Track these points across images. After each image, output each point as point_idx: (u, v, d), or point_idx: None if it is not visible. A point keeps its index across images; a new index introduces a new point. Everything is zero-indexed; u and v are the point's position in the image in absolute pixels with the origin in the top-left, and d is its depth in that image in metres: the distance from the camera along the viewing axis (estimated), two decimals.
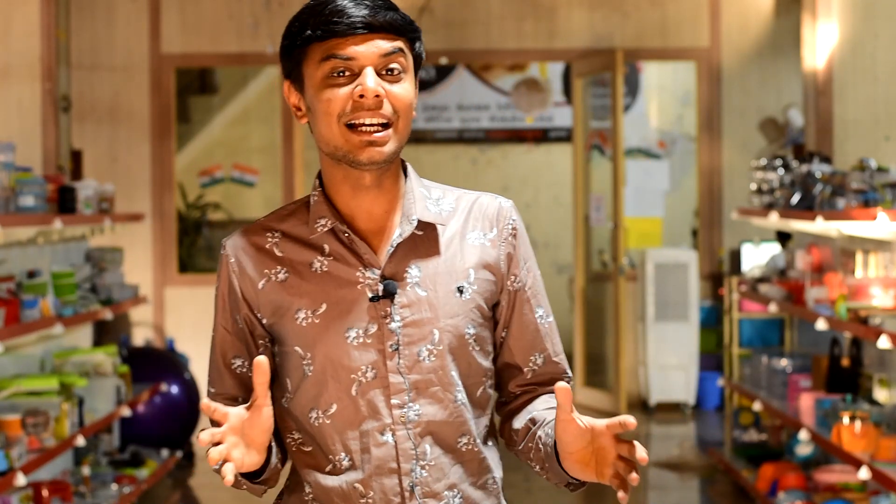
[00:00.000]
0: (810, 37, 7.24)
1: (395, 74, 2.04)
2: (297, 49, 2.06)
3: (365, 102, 2.01)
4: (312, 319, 2.07)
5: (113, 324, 8.49)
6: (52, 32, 6.85)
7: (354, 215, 2.09)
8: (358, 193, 2.08)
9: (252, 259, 2.12)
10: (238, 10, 9.66)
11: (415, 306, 2.07)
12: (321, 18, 2.02)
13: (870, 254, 5.86)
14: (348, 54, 2.01)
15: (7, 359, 5.98)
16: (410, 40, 2.07)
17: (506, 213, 2.15)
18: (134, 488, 6.43)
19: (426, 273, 2.08)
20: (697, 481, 7.53)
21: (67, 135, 8.84)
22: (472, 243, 2.13)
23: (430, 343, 2.07)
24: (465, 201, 2.16)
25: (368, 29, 2.01)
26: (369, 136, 2.02)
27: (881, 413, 5.40)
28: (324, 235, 2.09)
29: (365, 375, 2.06)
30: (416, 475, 2.06)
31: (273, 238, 2.12)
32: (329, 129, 2.04)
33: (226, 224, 11.67)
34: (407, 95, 2.05)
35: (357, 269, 2.07)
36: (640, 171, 11.27)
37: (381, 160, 2.04)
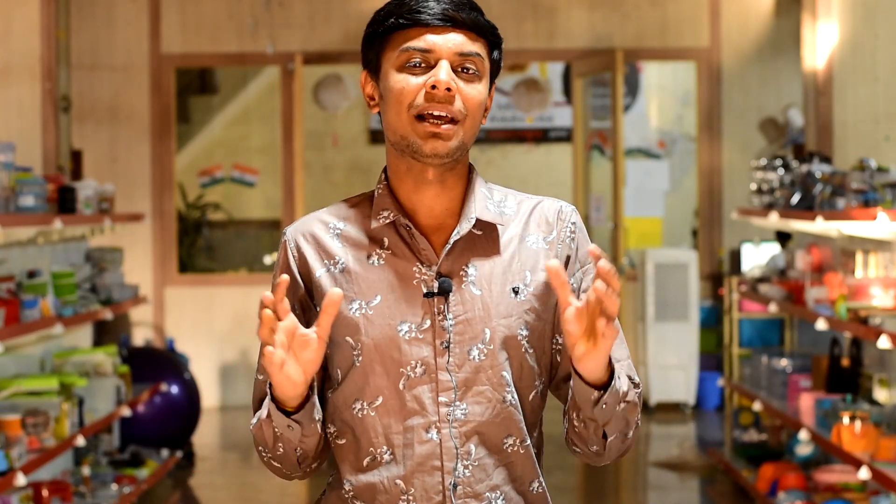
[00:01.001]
0: (810, 37, 7.24)
1: (469, 74, 2.06)
2: (378, 37, 2.08)
3: (436, 94, 2.03)
4: (366, 311, 2.07)
5: (113, 324, 8.50)
6: (52, 32, 6.85)
7: (416, 210, 2.10)
8: (420, 188, 2.09)
9: (312, 247, 2.12)
10: (238, 10, 9.66)
11: (468, 305, 2.06)
12: (405, 8, 2.05)
13: (870, 254, 5.86)
14: (427, 45, 2.04)
15: (7, 359, 5.98)
16: (490, 45, 2.10)
17: (566, 216, 2.14)
18: (134, 488, 6.43)
19: (482, 272, 2.08)
20: (697, 481, 7.53)
21: (67, 135, 8.84)
22: (530, 245, 2.12)
23: (482, 342, 2.06)
24: (527, 205, 2.15)
25: (450, 23, 2.04)
26: (435, 129, 2.03)
27: (881, 413, 5.41)
28: (384, 228, 2.10)
29: (414, 370, 2.05)
30: (459, 474, 2.04)
31: (334, 229, 2.13)
32: (398, 118, 2.05)
33: (226, 224, 11.68)
34: (478, 97, 2.06)
35: (414, 264, 2.07)
36: (640, 171, 11.27)
37: (443, 153, 2.05)
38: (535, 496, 2.12)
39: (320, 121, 11.86)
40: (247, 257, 11.58)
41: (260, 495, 7.16)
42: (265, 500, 7.09)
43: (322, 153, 12.02)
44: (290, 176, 9.69)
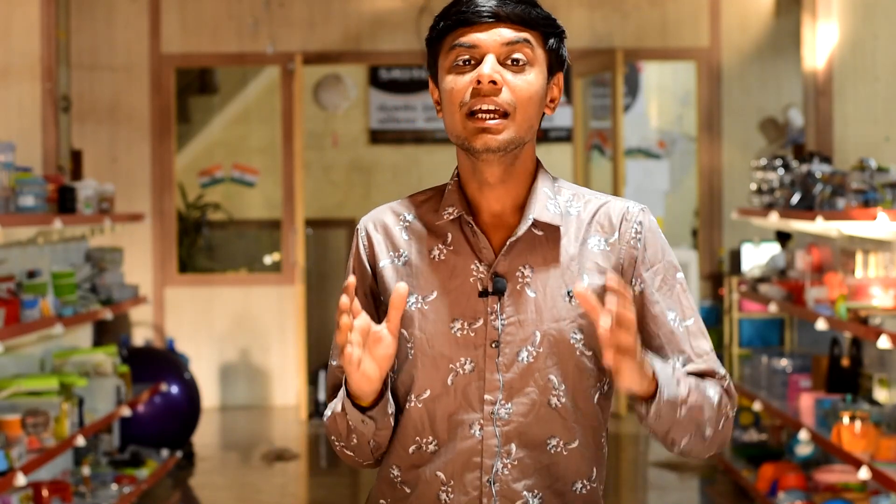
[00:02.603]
0: (810, 37, 7.24)
1: (518, 65, 2.07)
2: (434, 42, 2.12)
3: (482, 89, 2.04)
4: (422, 305, 2.10)
5: (113, 324, 8.50)
6: (52, 32, 6.85)
7: (480, 209, 2.13)
8: (483, 189, 2.12)
9: (381, 237, 2.17)
10: (238, 10, 9.66)
11: (521, 306, 2.08)
12: (454, 10, 2.08)
13: (870, 254, 5.86)
14: (471, 41, 2.06)
15: (7, 359, 5.98)
16: (544, 35, 2.10)
17: (631, 216, 2.13)
18: (134, 488, 6.44)
19: (538, 274, 2.09)
20: (697, 481, 7.53)
21: (67, 135, 8.84)
22: (591, 248, 2.12)
23: (531, 345, 2.07)
24: (594, 204, 2.15)
25: (494, 18, 2.06)
26: (483, 123, 2.04)
27: (881, 413, 5.41)
28: (449, 224, 2.13)
29: (463, 367, 2.08)
30: (498, 471, 2.07)
31: (403, 221, 2.17)
32: (452, 118, 2.08)
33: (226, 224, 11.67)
34: (529, 87, 2.07)
35: (472, 262, 2.10)
36: (640, 171, 11.27)
37: (495, 147, 2.05)
38: (576, 496, 2.13)
39: (320, 121, 11.86)
40: (247, 257, 11.58)
41: (260, 495, 7.16)
42: (265, 500, 7.09)
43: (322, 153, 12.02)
44: (290, 176, 9.69)
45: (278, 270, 10.12)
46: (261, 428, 9.15)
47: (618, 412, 9.27)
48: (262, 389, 9.73)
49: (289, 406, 9.64)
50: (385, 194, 11.47)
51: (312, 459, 8.25)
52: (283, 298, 9.71)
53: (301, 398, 9.41)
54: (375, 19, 9.68)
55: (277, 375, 9.71)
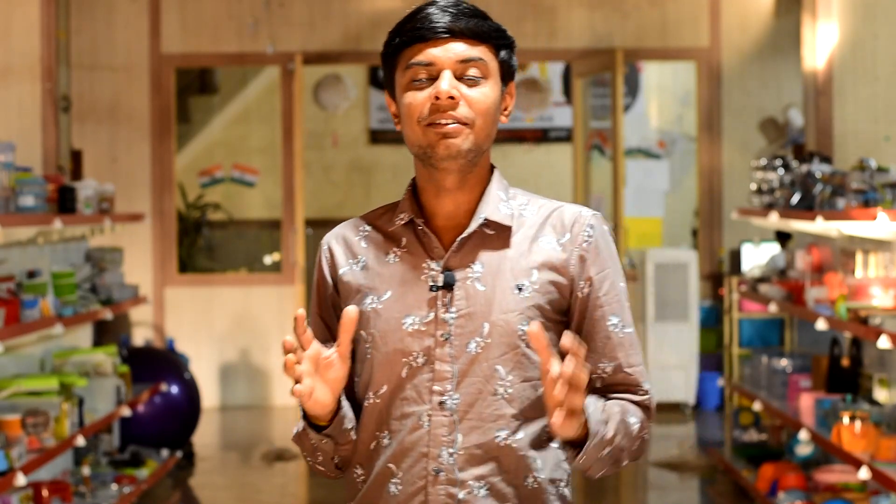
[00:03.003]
0: (810, 37, 7.24)
1: (473, 79, 2.14)
2: (389, 57, 2.19)
3: (440, 104, 2.12)
4: (377, 305, 2.18)
5: (113, 324, 8.50)
6: (52, 32, 6.85)
7: (436, 213, 2.20)
8: (440, 194, 2.19)
9: (341, 248, 2.26)
10: (238, 10, 9.66)
11: (471, 300, 2.14)
12: (408, 26, 2.15)
13: (870, 254, 5.86)
14: (427, 59, 2.13)
15: (7, 359, 5.98)
16: (496, 47, 2.17)
17: (583, 221, 2.20)
18: (134, 488, 6.43)
19: (489, 269, 2.16)
20: (697, 481, 7.53)
21: (67, 135, 8.84)
22: (541, 246, 2.19)
23: (480, 336, 2.13)
24: (547, 209, 2.23)
25: (449, 34, 2.13)
26: (444, 129, 2.12)
27: (881, 413, 5.40)
28: (403, 228, 2.21)
29: (416, 360, 2.15)
30: (444, 461, 2.12)
31: (363, 232, 2.27)
32: (412, 131, 2.16)
33: (226, 224, 11.68)
34: (485, 99, 2.14)
35: (424, 261, 2.18)
36: (640, 171, 11.27)
37: (455, 152, 2.13)
38: (529, 491, 2.15)
39: (320, 121, 11.86)
40: (247, 257, 11.58)
41: (260, 495, 7.16)
42: (265, 500, 7.09)
43: (322, 153, 12.02)
44: (290, 176, 9.69)
45: (278, 270, 10.12)
46: (261, 428, 9.15)
47: None
48: (262, 389, 9.73)
49: (289, 406, 9.64)
50: (385, 194, 11.47)
51: None
52: (283, 298, 9.71)
53: None
54: (375, 19, 9.68)
55: (277, 375, 9.71)
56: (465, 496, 2.12)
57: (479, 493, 2.12)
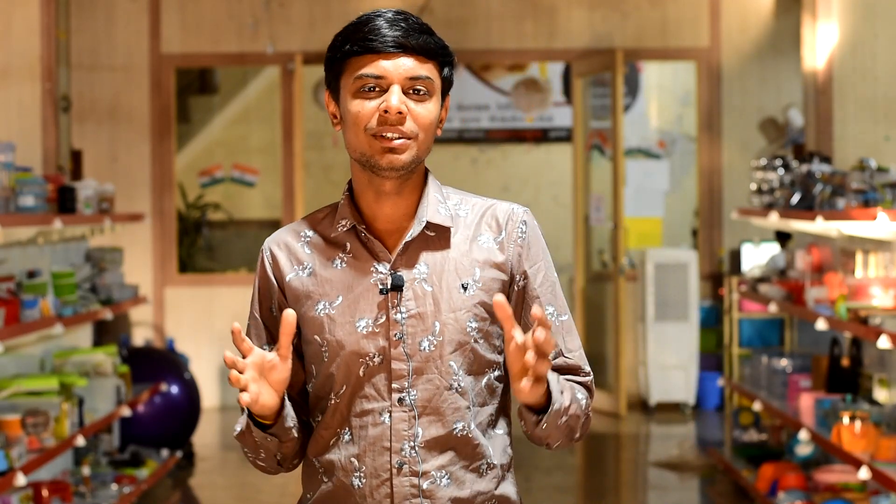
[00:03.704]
0: (810, 37, 7.24)
1: (420, 95, 2.23)
2: (336, 62, 2.27)
3: (389, 118, 2.21)
4: (329, 311, 2.27)
5: (113, 324, 8.50)
6: (52, 32, 6.85)
7: (376, 217, 2.29)
8: (380, 198, 2.28)
9: (285, 254, 2.33)
10: (238, 10, 9.66)
11: (420, 300, 2.25)
12: (359, 35, 2.23)
13: (870, 254, 5.86)
14: (378, 72, 2.22)
15: (7, 359, 5.98)
16: (441, 64, 2.27)
17: (516, 217, 2.32)
18: (134, 488, 6.43)
19: (433, 270, 2.27)
20: (697, 481, 7.53)
21: (67, 135, 8.84)
22: (481, 244, 2.30)
23: (431, 334, 2.25)
24: (481, 207, 2.34)
25: (400, 49, 2.22)
26: (390, 143, 2.21)
27: (881, 413, 5.41)
28: (346, 234, 2.30)
29: (373, 360, 2.25)
30: (406, 454, 2.24)
31: (304, 238, 2.34)
32: (356, 138, 2.24)
33: (226, 224, 11.68)
34: (429, 115, 2.24)
35: (371, 265, 2.27)
36: (640, 171, 11.27)
37: (399, 166, 2.23)
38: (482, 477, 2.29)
39: (320, 121, 11.86)
40: (247, 257, 11.58)
41: (260, 495, 7.17)
42: (265, 500, 7.09)
43: (322, 153, 12.02)
44: (290, 176, 9.69)
45: None
46: None
47: (618, 412, 9.27)
48: None
49: None
50: None
51: None
52: None
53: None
54: None
55: None
56: (429, 486, 2.24)
57: (442, 483, 2.25)
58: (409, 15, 2.26)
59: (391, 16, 2.24)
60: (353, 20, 2.28)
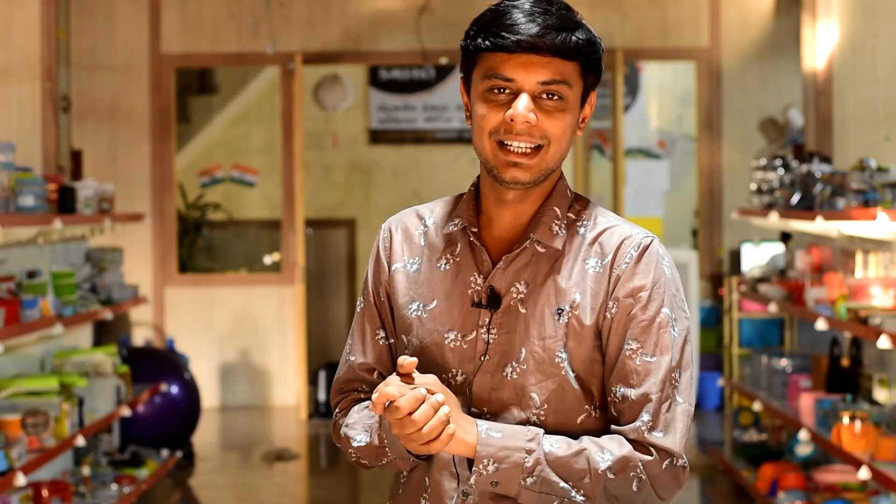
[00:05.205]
0: (810, 37, 7.24)
1: (554, 101, 2.04)
2: (470, 54, 2.09)
3: (514, 126, 2.03)
4: (422, 313, 2.13)
5: (113, 324, 8.49)
6: (52, 32, 6.85)
7: (493, 221, 2.12)
8: (501, 204, 2.11)
9: (401, 239, 2.19)
10: (238, 10, 9.66)
11: (511, 322, 2.07)
12: (493, 30, 2.04)
13: (870, 254, 5.86)
14: (509, 75, 2.03)
15: (7, 359, 5.98)
16: (584, 63, 2.07)
17: (632, 242, 2.08)
18: (134, 488, 6.43)
19: (532, 291, 2.08)
20: (697, 481, 7.53)
21: (67, 135, 8.84)
22: (587, 270, 2.08)
23: (516, 361, 2.07)
24: (601, 226, 2.12)
25: (533, 51, 2.02)
26: (516, 157, 2.04)
27: (881, 413, 5.40)
28: (459, 234, 2.14)
29: (455, 378, 2.09)
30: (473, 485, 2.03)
31: (423, 226, 2.19)
32: (481, 142, 2.07)
33: (226, 224, 11.67)
34: (562, 122, 2.05)
35: (472, 274, 2.11)
36: (640, 171, 11.27)
37: (524, 181, 2.06)
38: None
39: (320, 121, 11.85)
40: (247, 257, 11.57)
41: (260, 495, 7.16)
42: (265, 500, 7.09)
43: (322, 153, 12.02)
44: (290, 176, 9.69)
45: (278, 270, 10.12)
46: (261, 428, 9.14)
47: None
48: (262, 389, 9.73)
49: (289, 406, 9.64)
50: (385, 194, 11.47)
51: (312, 459, 8.25)
52: (283, 298, 9.71)
53: (301, 398, 9.41)
54: (375, 19, 9.68)
55: (277, 375, 9.71)
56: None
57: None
58: (553, 3, 2.04)
59: (529, 6, 2.03)
60: (491, 6, 2.08)
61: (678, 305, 2.09)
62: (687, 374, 2.09)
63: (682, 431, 2.06)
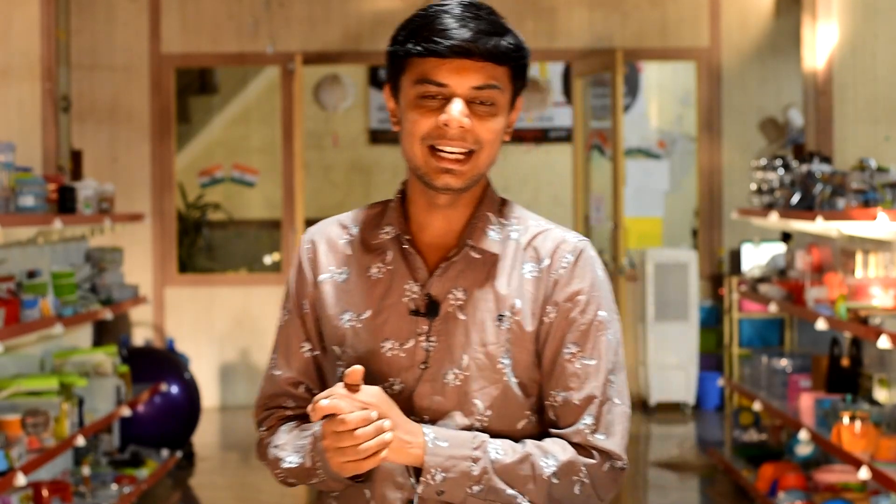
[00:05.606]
0: (810, 37, 7.24)
1: (486, 107, 2.03)
2: (398, 59, 2.06)
3: (448, 132, 2.01)
4: (355, 323, 2.09)
5: (113, 324, 8.50)
6: (52, 32, 6.85)
7: (424, 228, 2.10)
8: (432, 210, 2.09)
9: (325, 249, 2.15)
10: (238, 10, 9.66)
11: (451, 329, 2.06)
12: (424, 34, 2.01)
13: (870, 254, 5.86)
14: (441, 80, 2.01)
15: (7, 359, 5.98)
16: (514, 69, 2.05)
17: (566, 247, 2.08)
18: (134, 488, 6.43)
19: (470, 298, 2.07)
20: (697, 481, 7.53)
21: (67, 135, 8.84)
22: (524, 275, 2.08)
23: (458, 367, 2.05)
24: (533, 231, 2.12)
25: (466, 55, 2.00)
26: (449, 163, 2.03)
27: (881, 413, 5.40)
28: (389, 242, 2.10)
29: (392, 388, 2.06)
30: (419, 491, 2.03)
31: (348, 235, 2.15)
32: (412, 148, 2.05)
33: (226, 224, 11.68)
34: (494, 128, 2.04)
35: (407, 282, 2.08)
36: (640, 171, 11.27)
37: (456, 187, 2.05)
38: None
39: (320, 121, 11.86)
40: (247, 257, 11.58)
41: (260, 495, 7.16)
42: (265, 500, 7.09)
43: (322, 153, 12.02)
44: (290, 176, 9.69)
45: (278, 270, 10.12)
46: None
47: None
48: None
49: None
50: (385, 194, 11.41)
51: None
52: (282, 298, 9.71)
53: None
54: (375, 19, 9.68)
55: None
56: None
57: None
58: (482, 8, 2.03)
59: (460, 11, 2.01)
60: (419, 10, 2.06)
61: (612, 308, 2.10)
62: (622, 375, 2.09)
63: (622, 433, 2.07)
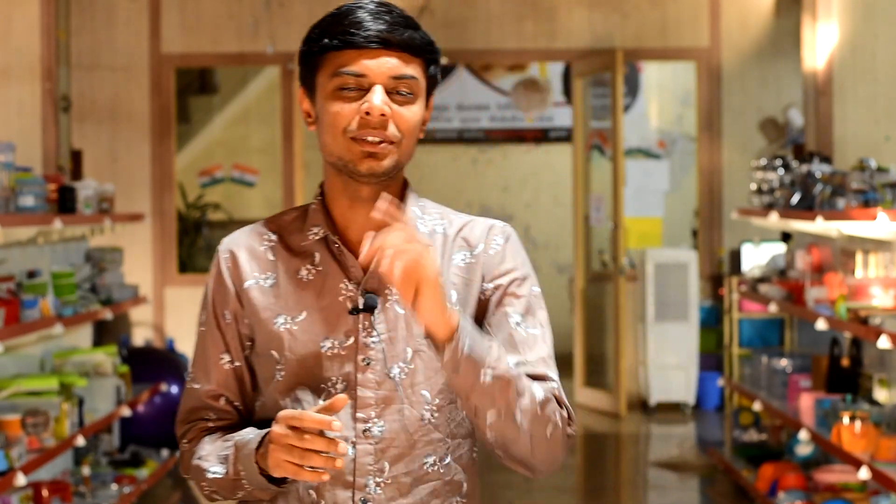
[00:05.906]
0: (810, 37, 7.24)
1: (404, 96, 2.06)
2: (313, 57, 2.08)
3: (370, 120, 2.03)
4: (291, 326, 2.08)
5: (113, 324, 8.49)
6: (52, 32, 6.85)
7: (349, 226, 2.12)
8: (355, 205, 2.11)
9: (246, 258, 2.14)
10: (238, 10, 9.66)
11: (391, 323, 2.07)
12: (339, 28, 2.04)
13: (870, 254, 5.86)
14: (360, 70, 2.04)
15: (7, 359, 5.98)
16: (427, 62, 2.09)
17: (494, 232, 2.14)
18: (134, 488, 6.43)
19: None
20: (697, 481, 7.53)
21: (67, 135, 8.84)
22: (456, 264, 2.12)
23: (403, 361, 2.06)
24: (459, 223, 2.16)
25: (383, 45, 2.03)
26: (371, 148, 2.05)
27: (881, 413, 5.41)
28: (316, 244, 2.12)
29: (335, 386, 2.06)
30: (370, 491, 2.05)
31: (269, 242, 2.16)
32: (334, 140, 2.07)
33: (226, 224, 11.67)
34: (413, 118, 2.07)
35: (341, 281, 2.09)
36: (640, 171, 11.27)
37: (379, 172, 2.06)
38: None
39: None
40: None
41: None
42: None
43: None
44: (290, 176, 9.69)
45: None
46: None
47: (618, 412, 9.27)
48: None
49: None
50: None
51: None
52: None
53: None
54: None
55: None
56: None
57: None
58: (394, 7, 2.07)
59: (373, 7, 2.05)
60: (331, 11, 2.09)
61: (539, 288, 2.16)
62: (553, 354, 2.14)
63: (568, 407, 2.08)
